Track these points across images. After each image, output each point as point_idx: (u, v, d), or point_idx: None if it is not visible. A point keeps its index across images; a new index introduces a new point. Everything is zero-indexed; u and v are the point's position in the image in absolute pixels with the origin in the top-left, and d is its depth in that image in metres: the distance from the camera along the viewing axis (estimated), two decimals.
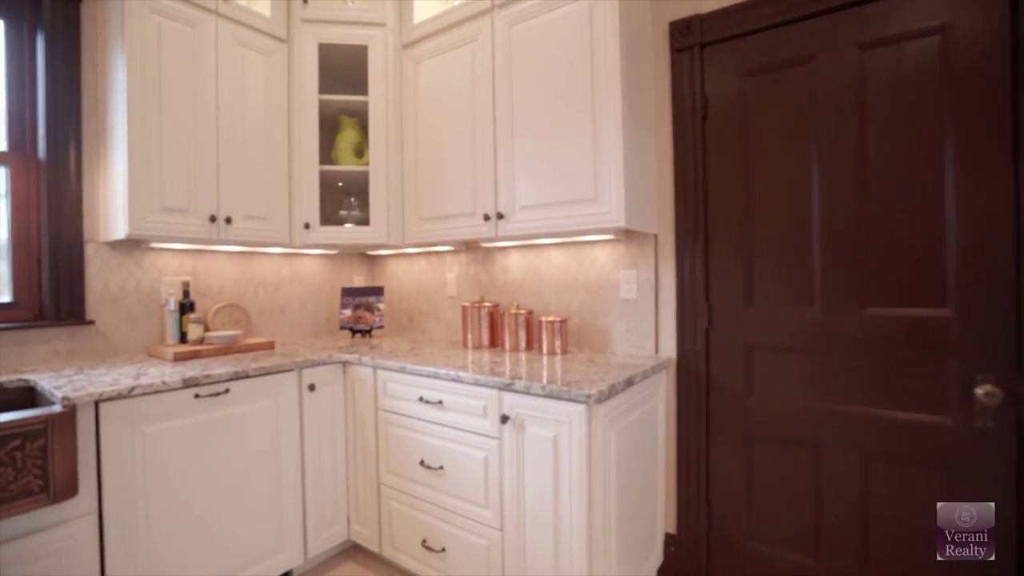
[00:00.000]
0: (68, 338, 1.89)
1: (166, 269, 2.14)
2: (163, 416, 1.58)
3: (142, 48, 1.80)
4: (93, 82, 1.93)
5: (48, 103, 1.84)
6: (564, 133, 1.79)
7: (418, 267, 2.73)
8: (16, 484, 1.29)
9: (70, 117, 1.88)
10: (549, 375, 1.58)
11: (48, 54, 1.84)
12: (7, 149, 1.83)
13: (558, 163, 1.80)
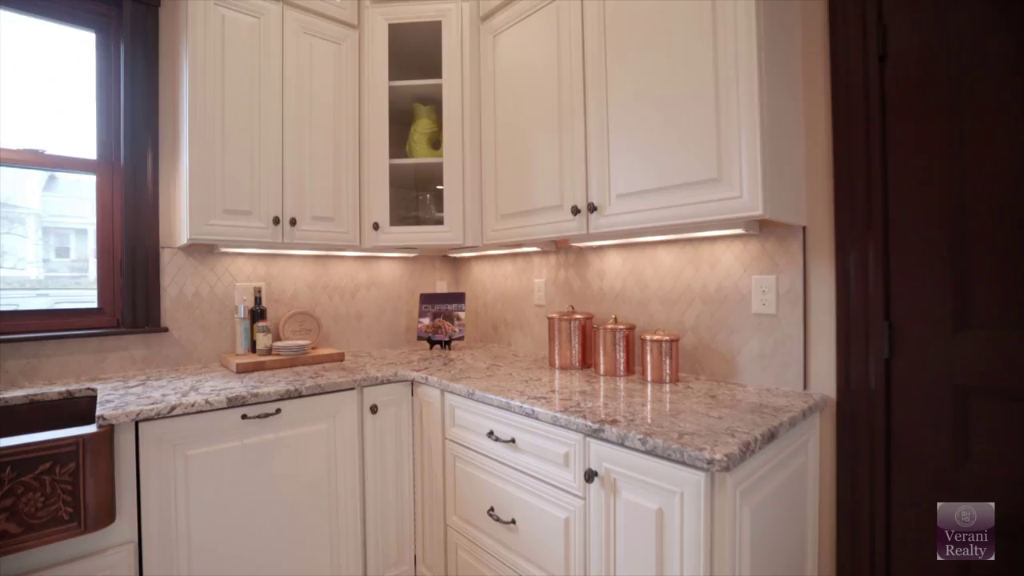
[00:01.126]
0: (144, 346, 1.84)
1: (239, 275, 2.05)
2: (207, 438, 1.42)
3: (204, 41, 1.70)
4: (170, 88, 1.88)
5: (127, 110, 1.81)
6: (674, 96, 1.36)
7: (503, 271, 2.43)
8: (45, 511, 1.18)
9: (148, 123, 1.84)
10: (654, 418, 1.17)
11: (128, 61, 1.81)
12: (96, 158, 1.84)
13: (666, 135, 1.38)
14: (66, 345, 1.71)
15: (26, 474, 1.16)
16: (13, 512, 1.14)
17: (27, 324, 1.70)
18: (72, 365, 1.72)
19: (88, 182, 1.84)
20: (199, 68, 1.69)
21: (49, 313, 1.76)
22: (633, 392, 1.44)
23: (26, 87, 1.78)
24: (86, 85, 1.84)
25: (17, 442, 1.16)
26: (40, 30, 1.80)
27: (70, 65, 1.85)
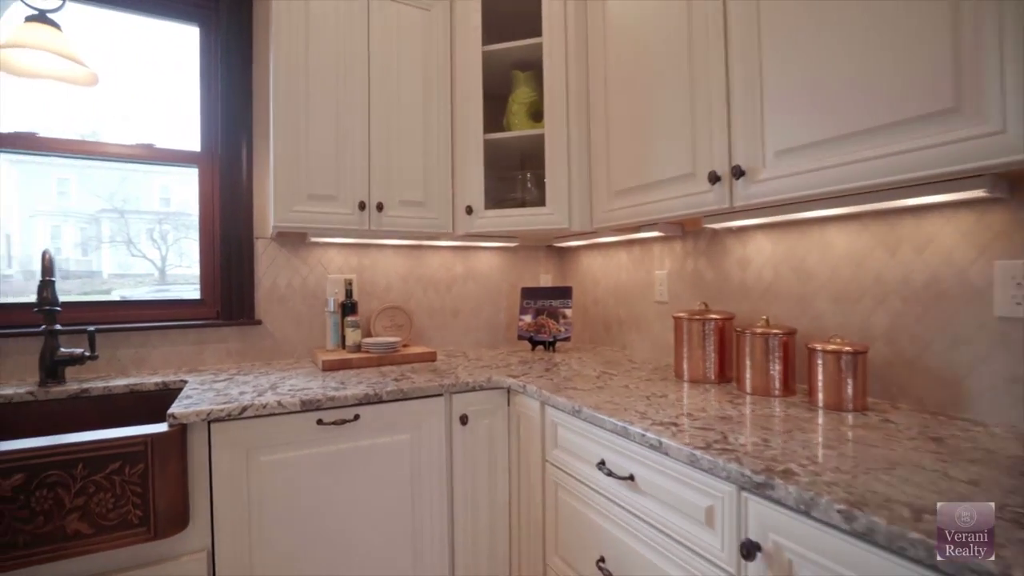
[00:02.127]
0: (239, 338, 1.80)
1: (331, 266, 1.94)
2: (281, 443, 1.28)
3: (288, 16, 1.58)
4: (263, 74, 1.81)
5: (224, 100, 1.77)
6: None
7: (616, 261, 2.08)
8: (115, 513, 1.09)
9: (242, 113, 1.79)
10: (852, 470, 0.77)
11: (224, 51, 1.77)
12: (199, 150, 1.83)
13: (855, 52, 0.95)
14: (169, 336, 1.71)
15: (97, 473, 1.08)
16: (85, 511, 1.07)
17: (137, 314, 1.72)
18: (174, 356, 1.71)
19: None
20: (283, 45, 1.58)
21: (157, 304, 1.77)
22: (802, 423, 1.03)
23: (138, 83, 1.81)
24: (192, 78, 1.84)
25: (87, 438, 1.08)
26: (150, 28, 1.82)
27: (179, 59, 1.86)
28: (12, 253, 1.70)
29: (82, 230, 1.77)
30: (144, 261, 1.85)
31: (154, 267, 1.88)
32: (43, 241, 1.91)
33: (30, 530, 1.03)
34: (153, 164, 1.81)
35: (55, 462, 1.05)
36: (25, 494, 1.03)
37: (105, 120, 1.77)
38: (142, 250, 1.84)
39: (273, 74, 1.57)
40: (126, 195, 1.81)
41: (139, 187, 1.74)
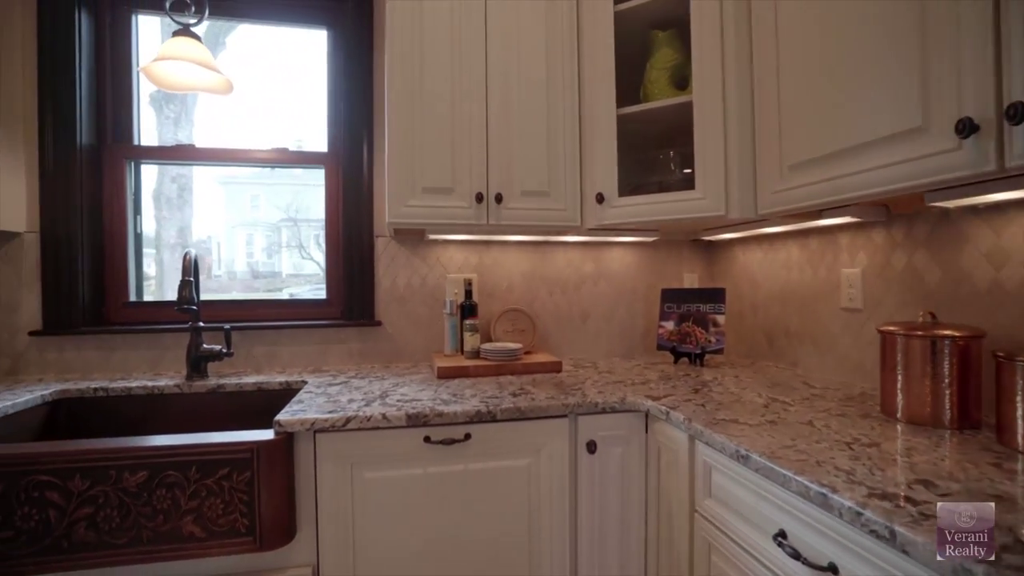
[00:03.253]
0: (360, 339, 1.77)
1: (450, 265, 1.83)
2: (386, 459, 1.16)
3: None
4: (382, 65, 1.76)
5: (347, 100, 1.75)
6: None
7: (784, 257, 1.67)
8: (224, 520, 1.05)
9: (363, 112, 1.77)
10: None
11: (347, 52, 1.75)
12: (326, 151, 1.84)
13: None
14: (297, 335, 1.73)
15: (208, 477, 1.05)
16: (199, 515, 1.05)
17: (269, 312, 1.77)
18: (301, 355, 1.73)
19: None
20: (397, 28, 1.48)
21: (288, 303, 1.81)
22: None
23: (271, 89, 1.88)
24: (321, 81, 1.85)
25: (199, 441, 1.06)
26: (280, 35, 1.87)
27: (307, 63, 1.89)
28: (220, 257, 1.99)
29: (267, 237, 2.02)
30: (311, 263, 2.00)
31: (319, 268, 1.97)
32: (242, 247, 2.20)
33: (153, 527, 1.03)
34: (287, 167, 1.86)
35: (173, 462, 1.04)
36: (148, 492, 1.03)
37: (246, 127, 1.86)
38: (310, 253, 2.00)
39: (388, 59, 1.48)
40: (299, 206, 1.98)
41: (309, 198, 1.91)
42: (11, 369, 1.59)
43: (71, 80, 1.60)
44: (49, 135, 1.59)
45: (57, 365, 1.61)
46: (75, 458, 1.01)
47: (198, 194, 1.84)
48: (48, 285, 1.59)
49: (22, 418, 1.31)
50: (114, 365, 1.63)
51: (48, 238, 1.59)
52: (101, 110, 1.70)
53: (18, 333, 1.59)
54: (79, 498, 1.01)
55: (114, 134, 1.73)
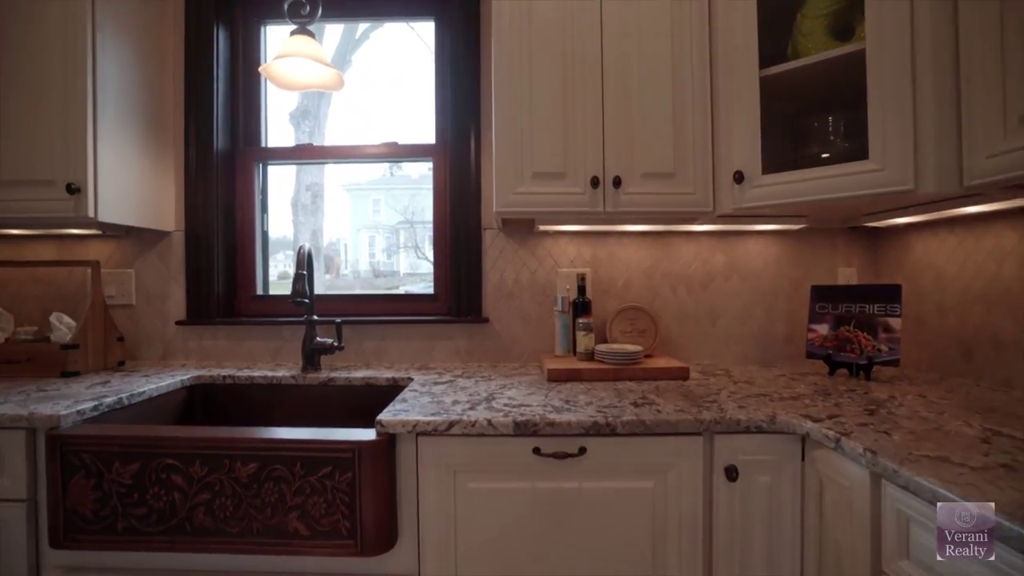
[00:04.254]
0: (467, 336, 1.69)
1: (561, 259, 1.69)
2: (490, 469, 1.05)
3: None
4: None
5: (454, 89, 1.69)
6: None
7: (991, 245, 1.30)
8: (327, 520, 1.01)
9: (470, 99, 1.69)
10: None
11: (454, 38, 1.69)
12: (433, 143, 1.80)
13: None
14: (405, 331, 1.70)
15: (312, 474, 1.02)
16: (303, 512, 1.02)
17: (378, 307, 1.77)
18: (408, 351, 1.70)
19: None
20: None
21: (396, 298, 1.80)
22: None
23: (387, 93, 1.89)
24: (427, 73, 1.82)
25: (303, 437, 1.03)
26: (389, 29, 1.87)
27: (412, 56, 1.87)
28: (347, 258, 2.16)
29: (387, 238, 2.12)
30: (426, 262, 2.03)
31: (432, 266, 2.03)
32: (365, 248, 2.35)
33: (262, 519, 1.02)
34: (401, 161, 1.85)
35: (279, 456, 1.02)
36: (257, 483, 1.02)
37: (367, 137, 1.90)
38: (424, 253, 2.05)
39: (494, 32, 1.38)
40: (415, 208, 2.06)
41: (424, 201, 1.95)
42: (163, 354, 1.75)
43: (210, 89, 1.72)
44: (192, 141, 1.73)
45: (198, 352, 1.74)
46: (195, 445, 1.03)
47: (328, 200, 1.97)
48: (191, 279, 1.73)
49: (165, 400, 1.41)
50: (243, 354, 1.73)
51: (191, 236, 1.73)
52: (234, 116, 1.82)
53: (168, 322, 1.74)
54: (199, 483, 1.03)
55: (245, 138, 1.84)
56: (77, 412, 1.13)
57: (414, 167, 3.36)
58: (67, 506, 1.06)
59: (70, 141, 1.42)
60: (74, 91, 1.41)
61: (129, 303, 1.75)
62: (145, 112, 1.62)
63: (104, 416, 1.20)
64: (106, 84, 1.46)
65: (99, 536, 1.05)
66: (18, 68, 1.43)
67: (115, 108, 1.50)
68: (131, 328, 1.75)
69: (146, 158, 1.63)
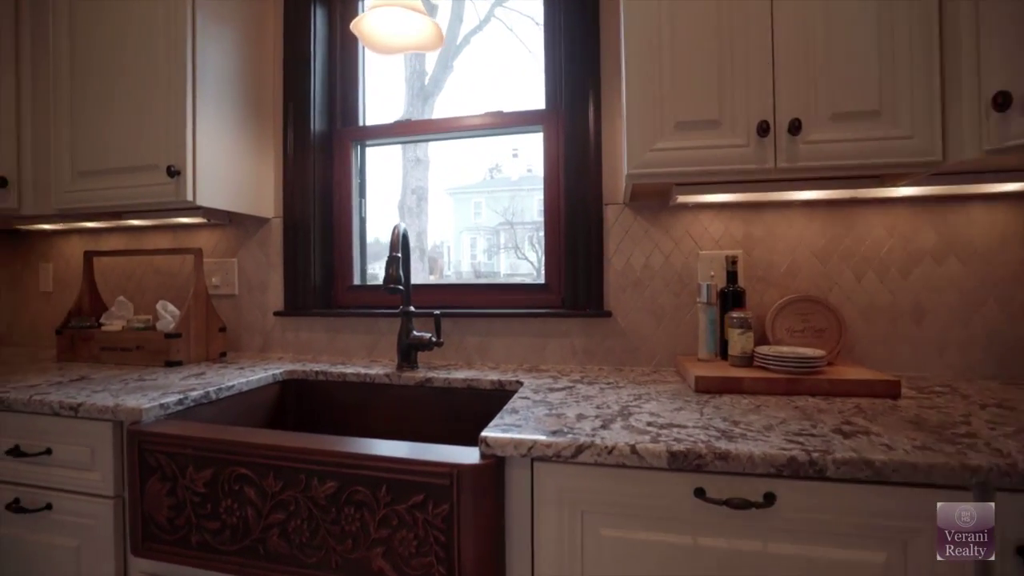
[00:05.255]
0: (584, 332, 1.42)
1: (703, 239, 1.35)
2: (633, 513, 0.76)
3: None
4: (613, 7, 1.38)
5: (567, 45, 1.42)
6: None
7: None
8: (417, 562, 0.79)
9: (587, 60, 1.40)
10: None
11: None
12: (544, 107, 1.55)
13: None
14: (511, 325, 1.47)
15: (399, 503, 0.80)
16: (388, 548, 0.81)
17: (481, 298, 1.55)
18: (516, 349, 1.46)
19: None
20: None
21: (502, 288, 1.57)
22: None
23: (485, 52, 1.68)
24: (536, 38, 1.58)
25: (389, 453, 0.82)
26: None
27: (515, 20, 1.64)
28: (450, 259, 2.21)
29: (488, 240, 2.17)
30: (526, 263, 2.00)
31: (532, 267, 1.98)
32: (466, 250, 2.39)
33: (341, 552, 0.83)
34: (502, 133, 1.63)
35: (362, 476, 0.82)
36: (336, 507, 0.83)
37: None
38: (525, 254, 2.03)
39: None
40: (515, 209, 2.07)
41: (523, 203, 2.01)
42: (262, 347, 1.68)
43: (307, 71, 1.62)
44: (291, 125, 1.64)
45: (295, 345, 1.64)
46: (269, 454, 0.86)
47: (431, 203, 1.96)
48: (288, 268, 1.64)
49: (255, 397, 1.30)
50: (338, 348, 1.60)
51: (288, 223, 1.63)
52: (332, 97, 1.71)
53: (267, 313, 1.67)
54: (272, 500, 0.86)
55: (343, 118, 1.73)
56: (160, 406, 1.03)
57: (514, 168, 3.18)
58: (144, 510, 0.95)
59: (171, 125, 1.37)
60: (176, 76, 1.37)
61: (232, 293, 1.70)
62: (244, 98, 1.56)
63: (188, 411, 1.09)
64: (205, 68, 1.41)
65: (174, 548, 0.93)
66: (128, 57, 1.42)
67: (214, 93, 1.44)
68: (234, 319, 1.70)
69: (245, 144, 1.56)
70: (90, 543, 1.04)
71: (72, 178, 1.49)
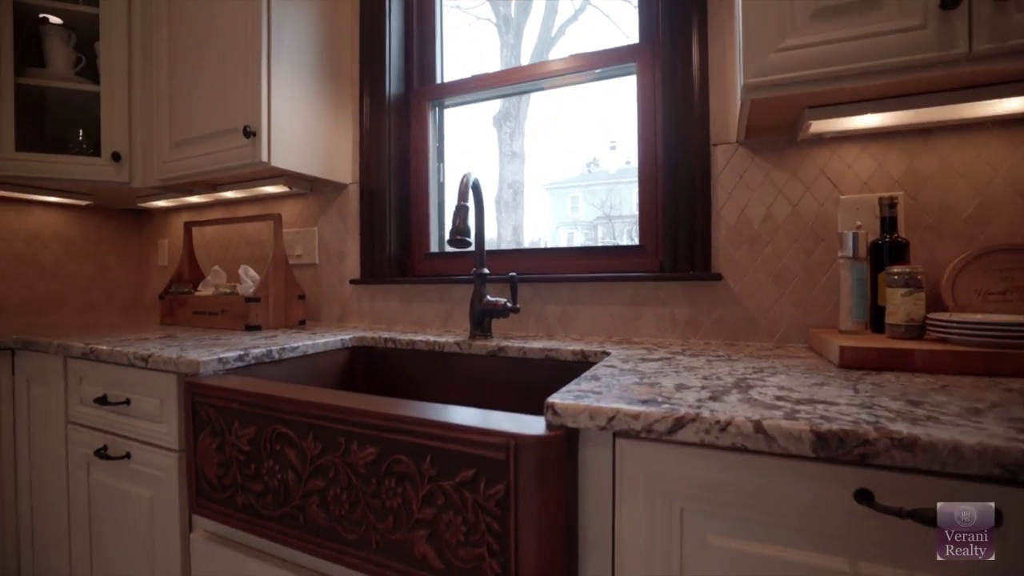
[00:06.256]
0: (687, 300, 1.18)
1: (846, 179, 1.05)
2: (754, 517, 0.54)
3: None
4: None
5: None
6: None
7: None
8: (466, 551, 0.64)
9: None
10: None
11: None
12: (638, 41, 1.33)
13: None
14: (598, 292, 1.27)
15: (446, 478, 0.65)
16: (433, 532, 0.66)
17: (565, 264, 1.37)
18: (604, 319, 1.26)
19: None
20: None
21: (588, 251, 1.38)
22: None
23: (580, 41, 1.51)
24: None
25: (430, 417, 0.67)
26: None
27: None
28: None
29: (585, 234, 2.12)
30: None
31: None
32: (564, 245, 2.43)
33: (382, 530, 0.70)
34: (590, 79, 1.43)
35: (403, 443, 0.68)
36: (376, 478, 0.70)
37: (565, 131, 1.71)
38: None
39: None
40: (612, 203, 1.98)
41: (621, 195, 1.93)
42: (340, 317, 1.64)
43: (382, 32, 1.55)
44: (367, 88, 1.57)
45: (371, 314, 1.58)
46: (308, 411, 0.76)
47: (528, 198, 1.89)
48: (364, 235, 1.58)
49: (324, 359, 1.24)
50: (412, 318, 1.51)
51: (365, 189, 1.58)
52: (408, 57, 1.62)
53: (344, 282, 1.63)
54: (312, 464, 0.76)
55: (420, 78, 1.63)
56: (219, 360, 0.98)
57: (612, 161, 2.96)
58: (198, 466, 0.90)
59: (247, 88, 1.37)
60: (252, 40, 1.36)
61: (313, 262, 1.68)
62: (320, 63, 1.52)
63: (248, 369, 1.04)
64: (281, 33, 1.40)
65: (222, 508, 0.87)
66: (216, 25, 1.44)
67: (289, 57, 1.42)
68: (314, 289, 1.68)
69: (321, 108, 1.52)
70: (160, 495, 1.03)
71: (169, 149, 1.54)
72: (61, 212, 1.96)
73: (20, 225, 1.86)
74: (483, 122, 1.81)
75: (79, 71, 1.69)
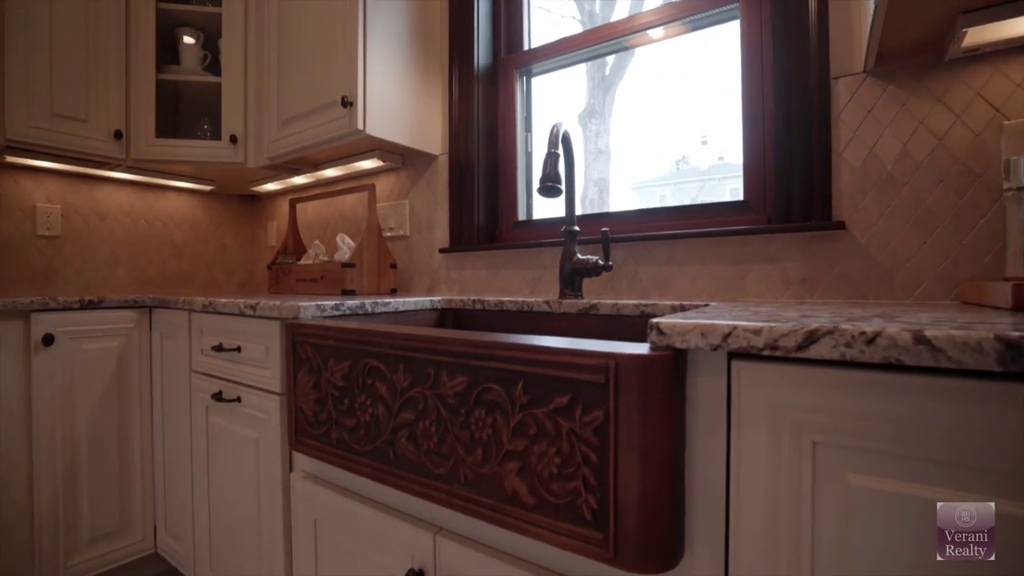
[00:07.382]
0: (802, 254, 1.05)
1: (1012, 102, 0.88)
2: (910, 452, 0.45)
3: None
4: None
5: None
6: None
7: None
8: (559, 485, 0.60)
9: None
10: None
11: None
12: None
13: None
14: (697, 250, 1.17)
15: (538, 405, 0.61)
16: (524, 465, 0.63)
17: (662, 224, 1.28)
18: (705, 279, 1.16)
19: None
20: None
21: (688, 211, 1.28)
22: None
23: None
24: None
25: (523, 342, 0.63)
26: None
27: None
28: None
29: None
30: None
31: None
32: None
33: (471, 464, 0.67)
34: (685, 30, 1.33)
35: (494, 371, 0.65)
36: (465, 408, 0.68)
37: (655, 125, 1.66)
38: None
39: None
40: (703, 199, 1.83)
41: (711, 192, 1.92)
42: (430, 287, 1.67)
43: (471, 2, 1.56)
44: (456, 60, 1.59)
45: (459, 283, 1.59)
46: (398, 343, 0.76)
47: (613, 195, 1.84)
48: (453, 205, 1.59)
49: (414, 318, 1.26)
50: (499, 285, 1.49)
51: (453, 160, 1.59)
52: (496, 26, 1.62)
53: (434, 251, 1.65)
54: (402, 396, 0.75)
55: (507, 46, 1.62)
56: (317, 306, 1.02)
57: (703, 157, 2.79)
58: (297, 403, 0.94)
59: (345, 62, 1.43)
60: (349, 16, 1.42)
61: (404, 234, 1.73)
62: (412, 35, 1.57)
63: (343, 319, 1.07)
64: (376, 8, 1.44)
65: (318, 444, 0.89)
66: (315, 8, 1.52)
67: (383, 30, 1.48)
68: (405, 260, 1.72)
69: (413, 79, 1.56)
70: (265, 436, 1.09)
71: (277, 128, 1.66)
72: (190, 197, 2.19)
73: (159, 208, 2.10)
74: (569, 118, 1.76)
75: (205, 66, 1.87)
